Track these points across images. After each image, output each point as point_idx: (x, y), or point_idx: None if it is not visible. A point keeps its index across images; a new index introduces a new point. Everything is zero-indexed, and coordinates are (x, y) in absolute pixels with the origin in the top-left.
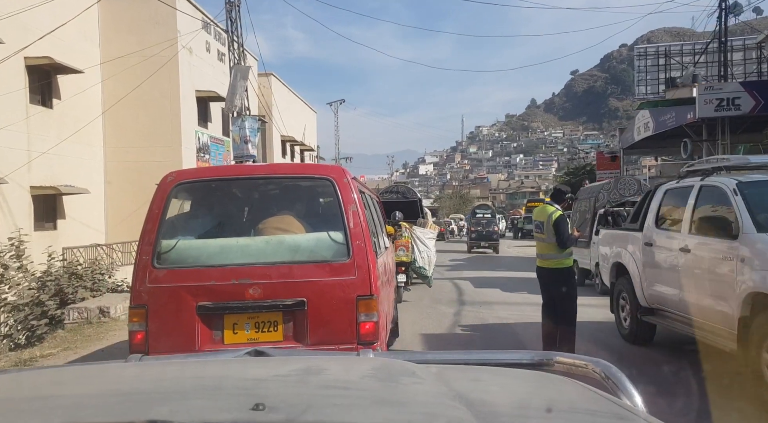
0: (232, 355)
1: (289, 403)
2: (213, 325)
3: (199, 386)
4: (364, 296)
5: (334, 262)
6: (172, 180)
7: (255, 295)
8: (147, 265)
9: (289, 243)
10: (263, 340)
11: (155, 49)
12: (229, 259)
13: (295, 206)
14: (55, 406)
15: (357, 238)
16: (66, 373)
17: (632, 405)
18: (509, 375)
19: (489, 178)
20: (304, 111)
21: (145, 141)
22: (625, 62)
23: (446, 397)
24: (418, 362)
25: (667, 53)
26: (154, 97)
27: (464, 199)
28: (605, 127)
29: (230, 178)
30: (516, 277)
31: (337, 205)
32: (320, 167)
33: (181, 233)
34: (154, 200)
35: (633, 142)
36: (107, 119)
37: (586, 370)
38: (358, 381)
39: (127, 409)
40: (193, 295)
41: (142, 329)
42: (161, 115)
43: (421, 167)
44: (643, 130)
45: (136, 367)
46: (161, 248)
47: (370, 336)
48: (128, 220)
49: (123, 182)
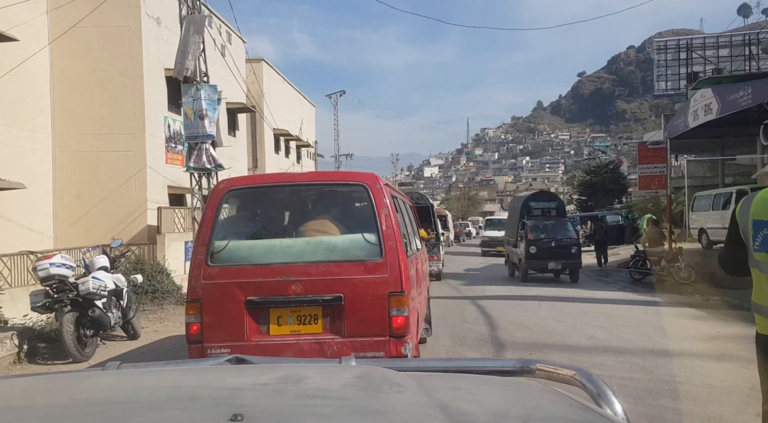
0: (211, 363)
1: (268, 414)
2: (260, 318)
3: (175, 396)
4: (396, 292)
5: (368, 261)
6: (224, 187)
7: (297, 291)
8: (201, 264)
9: (327, 244)
10: (305, 332)
11: (114, 18)
12: (273, 258)
13: (332, 210)
14: (28, 418)
15: (389, 240)
16: (40, 383)
17: (612, 413)
18: (490, 383)
19: (495, 180)
20: (302, 104)
21: (103, 128)
22: (633, 64)
23: (426, 406)
24: (400, 370)
25: (688, 46)
26: (113, 75)
27: (472, 201)
28: (612, 129)
29: (274, 185)
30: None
31: (371, 209)
32: (355, 175)
33: (231, 235)
34: (207, 205)
35: (687, 129)
36: (57, 101)
37: (567, 377)
38: (338, 390)
39: (102, 420)
40: (242, 290)
41: (198, 321)
42: (121, 97)
43: (426, 170)
44: (703, 114)
45: (113, 376)
46: (214, 248)
47: (401, 329)
48: (82, 221)
49: (76, 176)
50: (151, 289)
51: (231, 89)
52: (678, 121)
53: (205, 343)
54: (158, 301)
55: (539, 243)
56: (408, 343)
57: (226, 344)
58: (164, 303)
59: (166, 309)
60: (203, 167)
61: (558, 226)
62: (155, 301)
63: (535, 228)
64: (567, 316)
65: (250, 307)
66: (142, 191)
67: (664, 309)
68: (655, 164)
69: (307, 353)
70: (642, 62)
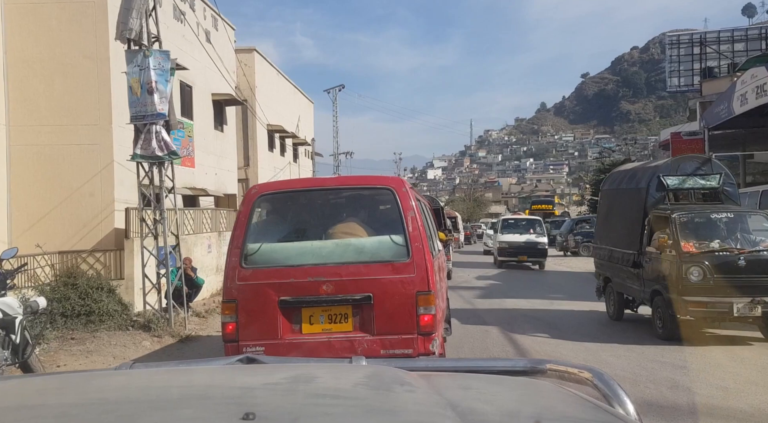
0: (222, 363)
1: (279, 412)
2: (293, 317)
3: (187, 395)
4: (423, 292)
5: (396, 262)
6: (256, 192)
7: (328, 291)
8: (236, 266)
9: (356, 245)
10: (335, 330)
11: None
12: (305, 259)
13: (359, 213)
14: (41, 416)
15: (416, 241)
16: (53, 382)
17: (624, 413)
18: (501, 383)
19: (500, 182)
20: (299, 100)
21: (64, 118)
22: (637, 64)
23: (438, 405)
24: (411, 370)
25: (702, 41)
26: (75, 58)
27: (478, 203)
28: (617, 130)
29: (304, 189)
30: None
31: (398, 211)
32: (382, 179)
33: (264, 238)
34: (241, 210)
35: (731, 116)
36: (12, 88)
37: (579, 377)
38: (349, 389)
39: (115, 419)
40: (275, 290)
41: (233, 320)
42: (85, 83)
43: (430, 172)
44: (754, 97)
45: (125, 376)
46: (247, 251)
47: (428, 327)
48: (42, 224)
49: (34, 173)
50: (85, 311)
51: (218, 79)
52: (719, 107)
53: (240, 341)
54: (93, 326)
55: (719, 260)
56: (435, 340)
57: (260, 342)
58: (100, 328)
59: (99, 338)
60: (153, 155)
61: (738, 222)
62: (89, 326)
63: (702, 226)
64: None
65: (284, 307)
66: (109, 190)
67: None
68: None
69: (338, 351)
70: (646, 63)
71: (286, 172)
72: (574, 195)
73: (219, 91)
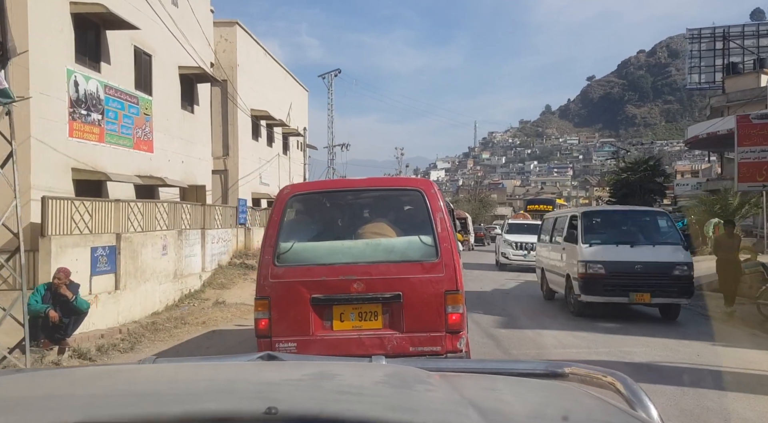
0: (245, 359)
1: (302, 407)
2: (324, 314)
3: (211, 388)
4: (452, 291)
5: (425, 262)
6: (288, 193)
7: (358, 289)
8: (269, 264)
9: (386, 245)
10: (365, 327)
11: None
12: (336, 258)
13: (388, 214)
14: (70, 405)
15: (444, 241)
16: (80, 373)
17: (648, 418)
18: (523, 384)
19: (504, 183)
20: (291, 86)
21: None
22: (643, 68)
23: (459, 404)
24: (432, 370)
25: (725, 35)
26: None
27: (484, 203)
28: (622, 134)
29: (334, 190)
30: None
31: (427, 212)
32: (411, 180)
33: (295, 237)
34: (273, 210)
35: None
36: None
37: (602, 381)
38: (371, 387)
39: (141, 409)
40: (307, 288)
41: (266, 317)
42: None
43: (433, 173)
44: None
45: (150, 369)
46: (280, 249)
47: (456, 325)
48: None
49: None
50: None
51: (188, 51)
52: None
53: (273, 337)
54: None
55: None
56: (462, 338)
57: (292, 338)
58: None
59: None
60: None
61: None
62: None
63: None
64: None
65: (315, 304)
66: (25, 174)
67: None
68: (763, 146)
69: (368, 347)
70: (653, 67)
71: (274, 164)
72: (581, 198)
73: (188, 64)
